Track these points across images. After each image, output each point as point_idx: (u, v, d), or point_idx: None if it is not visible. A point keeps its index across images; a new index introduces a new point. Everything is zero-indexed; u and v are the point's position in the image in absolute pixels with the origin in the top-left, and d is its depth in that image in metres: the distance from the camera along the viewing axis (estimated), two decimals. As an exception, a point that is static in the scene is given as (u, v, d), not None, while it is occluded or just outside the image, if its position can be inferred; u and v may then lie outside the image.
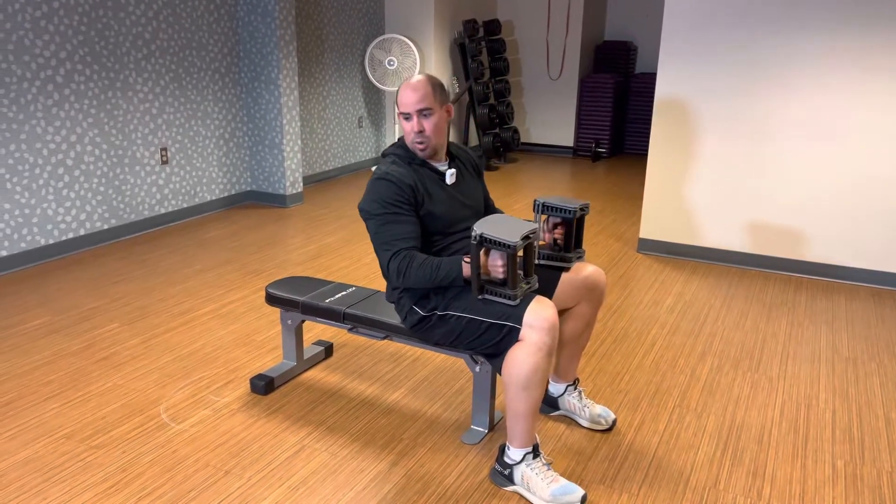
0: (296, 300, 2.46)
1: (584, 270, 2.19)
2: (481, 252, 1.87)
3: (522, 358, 1.86)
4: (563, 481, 1.94)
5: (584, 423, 2.35)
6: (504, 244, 1.80)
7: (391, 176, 2.01)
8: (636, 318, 3.28)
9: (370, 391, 2.57)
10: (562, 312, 2.25)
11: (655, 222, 4.19)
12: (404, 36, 6.26)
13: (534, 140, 7.72)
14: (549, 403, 2.39)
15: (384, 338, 2.30)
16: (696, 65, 3.87)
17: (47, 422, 2.33)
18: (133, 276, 3.66)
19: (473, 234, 1.84)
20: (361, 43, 6.24)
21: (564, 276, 2.18)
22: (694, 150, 3.99)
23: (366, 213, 2.04)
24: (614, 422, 2.35)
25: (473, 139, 7.38)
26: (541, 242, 2.20)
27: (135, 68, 4.20)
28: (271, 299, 2.52)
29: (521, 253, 1.95)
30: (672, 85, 3.95)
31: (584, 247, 2.16)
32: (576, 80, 7.36)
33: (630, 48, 7.49)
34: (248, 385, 2.58)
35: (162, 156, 4.46)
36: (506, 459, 2.00)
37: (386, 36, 6.19)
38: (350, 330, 2.37)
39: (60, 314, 3.18)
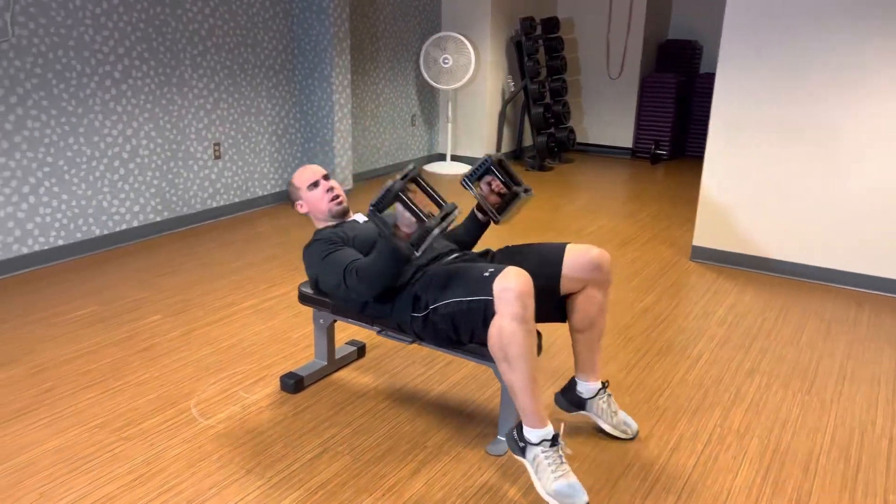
0: (326, 300, 2.44)
1: (588, 252, 2.13)
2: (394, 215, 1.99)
3: (497, 329, 1.86)
4: (573, 479, 1.87)
5: (608, 429, 2.27)
6: (387, 191, 1.93)
7: (320, 234, 2.32)
8: (683, 329, 3.14)
9: (399, 394, 2.54)
10: (571, 297, 2.18)
11: (710, 229, 4.02)
12: (460, 34, 6.21)
13: (591, 140, 7.56)
14: (577, 405, 2.31)
15: (412, 342, 2.25)
16: (758, 65, 3.69)
17: (83, 411, 2.38)
18: (180, 269, 3.73)
19: (369, 211, 1.97)
20: (417, 41, 6.22)
21: (567, 259, 2.13)
22: (753, 155, 3.81)
23: (312, 269, 2.27)
24: (636, 432, 2.28)
25: (528, 139, 7.27)
26: (491, 200, 2.32)
27: (190, 64, 4.28)
28: (303, 298, 2.51)
29: (414, 191, 2.01)
30: (732, 85, 3.78)
31: (529, 186, 2.34)
32: (636, 79, 7.17)
33: (695, 47, 7.24)
34: (279, 383, 2.58)
35: (215, 150, 4.54)
36: (524, 434, 1.94)
37: (442, 34, 6.15)
38: (379, 332, 2.34)
39: (107, 304, 3.25)
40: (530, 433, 1.92)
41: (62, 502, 1.93)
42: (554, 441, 1.90)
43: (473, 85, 6.49)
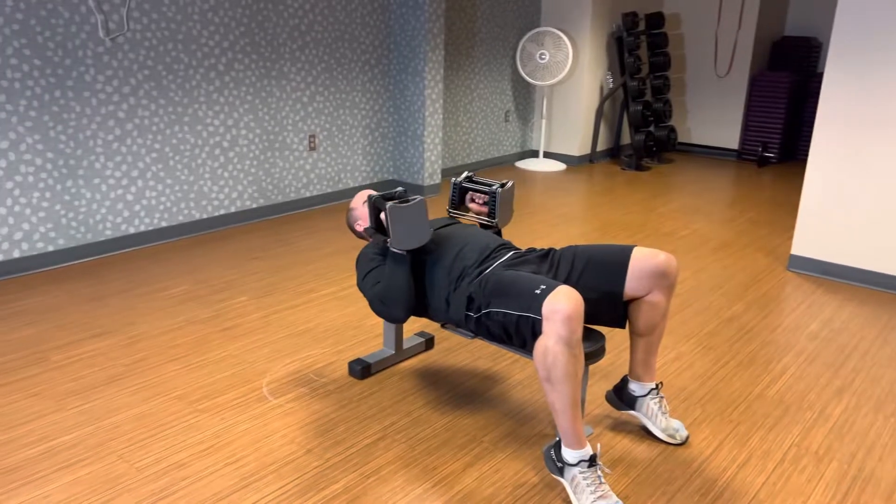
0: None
1: (656, 257, 2.05)
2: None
3: (542, 349, 1.82)
4: (612, 499, 1.83)
5: (656, 432, 2.21)
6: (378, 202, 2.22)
7: (367, 246, 2.42)
8: (769, 342, 2.98)
9: (462, 388, 2.55)
10: (634, 302, 2.12)
11: (811, 237, 3.78)
12: (559, 29, 6.12)
13: (695, 140, 7.28)
14: (628, 403, 2.26)
15: (473, 337, 2.26)
16: (871, 63, 3.43)
17: (166, 381, 2.54)
18: (270, 254, 3.90)
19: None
20: (514, 36, 6.19)
21: (633, 264, 2.06)
22: (864, 157, 3.55)
23: (360, 277, 2.34)
24: (687, 438, 2.22)
25: (626, 138, 7.09)
26: (484, 211, 2.49)
27: (289, 58, 4.45)
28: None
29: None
30: (842, 81, 3.53)
31: (505, 181, 2.48)
32: (746, 77, 6.83)
33: (812, 45, 6.82)
34: (347, 368, 2.65)
35: (310, 142, 4.70)
36: (562, 454, 1.91)
37: (540, 29, 6.09)
38: (443, 326, 2.36)
39: (200, 284, 3.45)
40: (568, 454, 1.89)
41: (139, 465, 2.06)
42: (592, 462, 1.87)
43: (570, 81, 6.39)
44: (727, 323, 3.16)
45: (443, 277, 2.19)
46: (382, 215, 2.20)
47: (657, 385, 2.23)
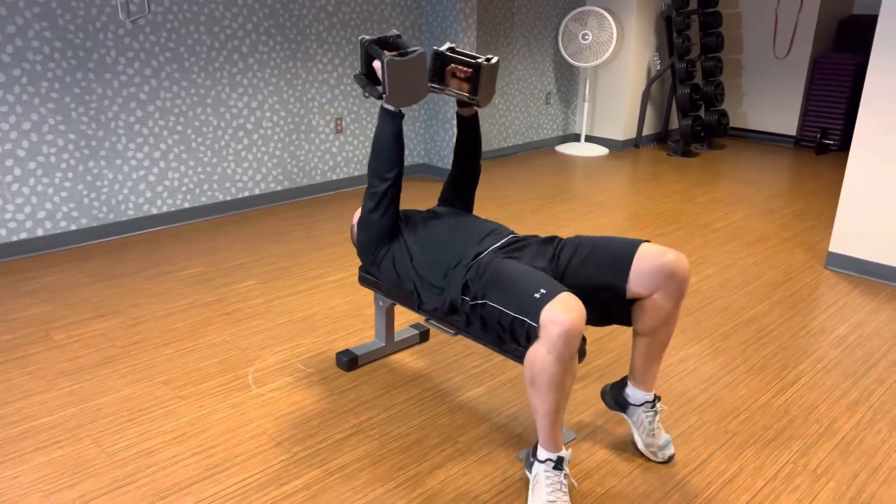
0: (381, 283, 2.42)
1: (664, 255, 1.90)
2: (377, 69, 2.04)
3: (532, 359, 1.72)
4: None
5: (639, 444, 2.09)
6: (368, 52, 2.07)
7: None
8: (787, 347, 2.79)
9: (448, 384, 2.48)
10: (638, 302, 1.97)
11: (851, 233, 3.52)
12: (604, 9, 5.89)
13: (750, 126, 6.92)
14: (620, 405, 2.14)
15: (454, 334, 2.18)
16: (922, 47, 3.14)
17: (156, 366, 2.56)
18: (288, 238, 3.90)
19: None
20: (557, 16, 5.99)
21: (638, 261, 1.91)
22: (910, 152, 3.27)
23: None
24: (671, 457, 2.08)
25: (675, 122, 6.80)
26: (464, 88, 2.23)
27: (315, 40, 4.42)
28: (362, 280, 2.51)
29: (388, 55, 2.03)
30: (888, 70, 3.25)
31: (490, 56, 2.23)
32: (807, 59, 6.43)
33: (882, 23, 6.35)
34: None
35: (337, 125, 4.67)
36: (536, 451, 1.86)
37: (584, 8, 5.87)
38: (427, 321, 2.29)
39: (212, 266, 3.48)
40: (541, 452, 1.83)
41: (110, 450, 2.09)
42: (559, 464, 1.79)
43: (615, 63, 6.15)
44: (746, 324, 2.98)
45: (438, 255, 2.09)
46: (377, 64, 2.02)
47: (655, 398, 2.09)
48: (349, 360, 2.54)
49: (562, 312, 1.66)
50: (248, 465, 2.03)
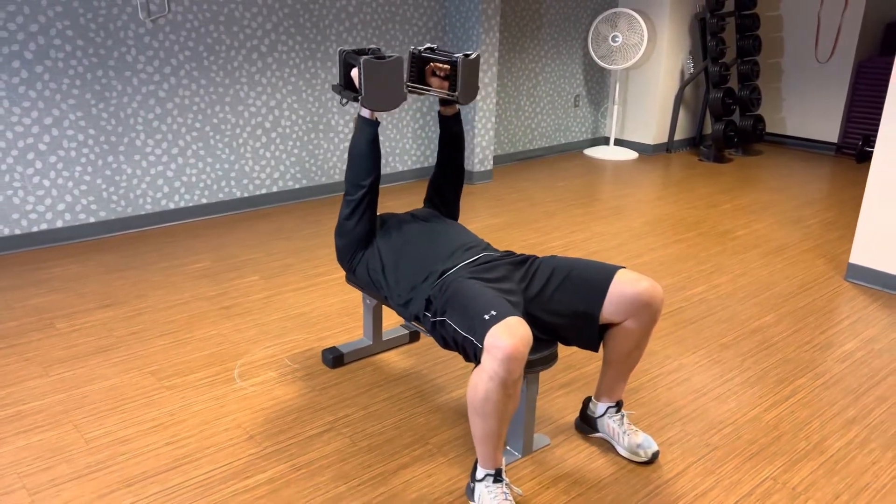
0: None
1: (638, 284, 1.87)
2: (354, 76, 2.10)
3: (475, 382, 1.70)
4: None
5: (622, 452, 2.06)
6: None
7: None
8: (789, 360, 2.69)
9: (431, 385, 2.47)
10: (609, 328, 1.96)
11: (873, 244, 3.38)
12: (637, 10, 5.79)
13: (789, 132, 6.70)
14: (589, 424, 2.12)
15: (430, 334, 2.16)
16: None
17: (147, 356, 2.62)
18: (299, 235, 3.95)
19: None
20: (588, 17, 5.92)
21: (614, 288, 1.88)
22: (935, 161, 3.12)
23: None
24: (655, 454, 2.04)
25: (710, 127, 6.64)
26: (444, 86, 2.22)
27: (336, 40, 4.46)
28: (348, 280, 2.52)
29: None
30: (913, 75, 3.11)
31: (469, 52, 2.27)
32: (850, 63, 6.20)
33: (931, 26, 6.08)
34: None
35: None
36: (476, 473, 1.84)
37: (616, 9, 5.78)
38: (409, 322, 2.28)
39: (220, 261, 3.54)
40: (479, 471, 1.83)
41: (88, 436, 2.14)
42: (497, 476, 1.78)
43: (647, 65, 6.03)
44: (748, 335, 2.88)
45: (408, 266, 2.09)
46: (354, 71, 2.06)
47: (617, 403, 2.06)
48: (334, 358, 2.55)
49: (505, 337, 1.63)
50: (216, 457, 2.06)
